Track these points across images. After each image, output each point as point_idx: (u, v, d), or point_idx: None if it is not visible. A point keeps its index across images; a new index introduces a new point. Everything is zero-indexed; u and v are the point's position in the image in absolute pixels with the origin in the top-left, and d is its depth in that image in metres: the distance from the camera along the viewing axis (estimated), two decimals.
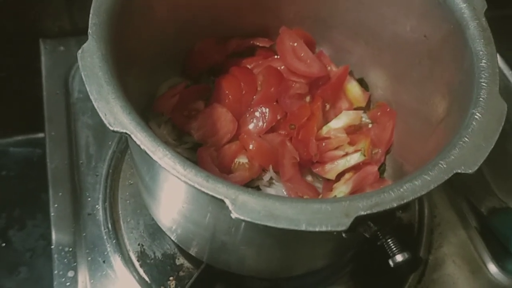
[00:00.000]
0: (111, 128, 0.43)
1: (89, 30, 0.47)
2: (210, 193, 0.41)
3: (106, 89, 0.44)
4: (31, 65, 0.90)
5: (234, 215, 0.40)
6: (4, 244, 0.94)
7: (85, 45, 0.46)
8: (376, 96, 0.75)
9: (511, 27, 1.03)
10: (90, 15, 0.48)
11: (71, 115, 0.82)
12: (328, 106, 0.75)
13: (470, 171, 0.45)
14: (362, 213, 0.41)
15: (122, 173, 0.76)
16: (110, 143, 0.79)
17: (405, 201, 0.42)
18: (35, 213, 0.99)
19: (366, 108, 0.76)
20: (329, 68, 0.76)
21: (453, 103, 0.56)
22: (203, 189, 0.41)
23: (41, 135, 0.97)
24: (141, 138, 0.42)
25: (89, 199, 0.75)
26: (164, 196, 0.56)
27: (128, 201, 0.74)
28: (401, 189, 0.43)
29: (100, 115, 0.43)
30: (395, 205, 0.42)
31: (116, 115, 0.43)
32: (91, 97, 0.44)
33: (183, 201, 0.51)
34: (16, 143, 1.07)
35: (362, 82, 0.76)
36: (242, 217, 0.40)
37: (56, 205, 0.73)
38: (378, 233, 0.46)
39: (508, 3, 1.07)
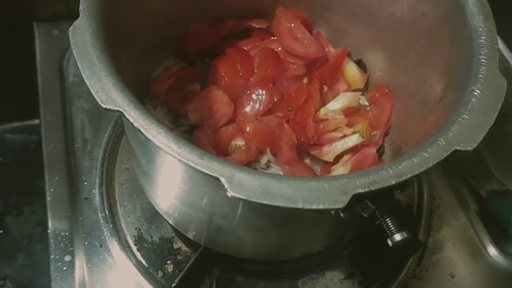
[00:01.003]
0: (104, 106, 0.42)
1: (80, 7, 0.46)
2: (205, 171, 0.40)
3: (98, 66, 0.44)
4: (26, 50, 0.88)
5: (230, 193, 0.39)
6: (1, 231, 0.94)
7: (76, 22, 0.45)
8: (374, 77, 0.74)
9: (510, 8, 1.02)
10: None
11: (66, 99, 0.81)
12: (326, 88, 0.74)
13: (469, 148, 0.44)
14: (360, 190, 0.40)
15: (118, 157, 0.76)
16: (106, 127, 0.78)
17: (403, 178, 0.42)
18: (32, 200, 0.98)
19: (364, 90, 0.75)
20: (326, 49, 0.75)
21: (452, 82, 0.55)
22: (197, 167, 0.40)
23: (37, 121, 0.97)
24: (134, 116, 0.42)
25: (86, 183, 0.74)
26: (160, 178, 0.56)
27: (124, 185, 0.73)
28: (399, 167, 0.42)
29: (92, 92, 0.42)
30: (393, 182, 0.41)
31: (108, 93, 0.42)
32: (83, 74, 0.43)
33: (179, 181, 0.51)
34: (12, 129, 1.06)
35: (360, 64, 0.75)
36: (238, 195, 0.39)
37: (52, 190, 0.73)
38: (376, 212, 0.46)
39: None
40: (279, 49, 0.72)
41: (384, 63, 0.71)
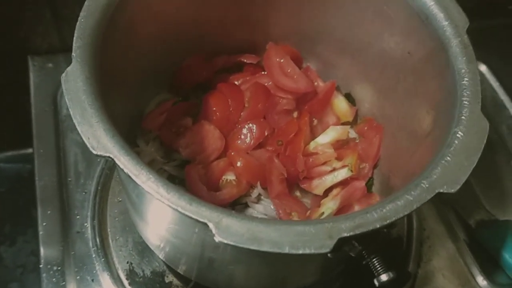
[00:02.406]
0: (94, 152, 0.43)
1: (73, 53, 0.47)
2: (194, 216, 0.41)
3: (90, 112, 0.45)
4: (20, 81, 0.90)
5: (217, 238, 0.40)
6: None
7: (69, 68, 0.47)
8: (363, 110, 0.76)
9: (498, 37, 1.05)
10: (74, 38, 0.49)
11: (59, 132, 0.82)
12: (315, 121, 0.75)
13: (452, 190, 0.45)
14: (345, 234, 0.41)
15: (110, 190, 0.76)
16: (98, 160, 0.78)
17: (388, 221, 0.43)
18: (26, 229, 0.98)
19: (353, 123, 0.76)
20: (316, 83, 0.76)
21: (438, 119, 0.56)
22: (186, 213, 0.41)
23: (31, 150, 0.98)
24: (124, 162, 0.43)
25: (78, 217, 0.75)
26: (150, 216, 0.56)
27: (117, 219, 0.74)
28: (384, 210, 0.43)
29: (83, 138, 0.43)
30: (378, 226, 0.42)
31: (99, 139, 0.43)
32: (74, 120, 0.44)
33: (169, 222, 0.51)
34: (6, 158, 1.06)
35: (349, 97, 0.77)
36: (225, 241, 0.40)
37: (44, 224, 0.73)
38: (363, 252, 0.47)
39: (495, 13, 1.08)
40: (270, 83, 0.74)
41: (372, 97, 0.73)
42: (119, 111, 0.56)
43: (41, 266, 0.71)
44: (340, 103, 0.76)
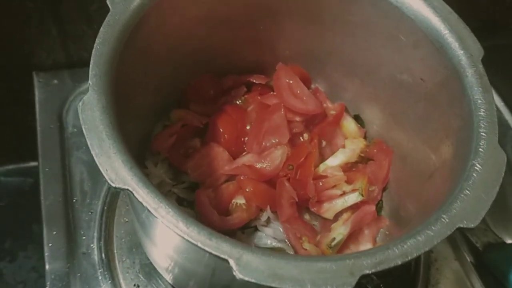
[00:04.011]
0: (113, 185, 0.42)
1: (90, 82, 0.47)
2: (214, 252, 0.40)
3: (107, 143, 0.44)
4: (25, 97, 0.89)
5: (238, 275, 0.39)
6: None
7: (85, 97, 0.46)
8: (372, 133, 0.75)
9: (502, 57, 1.05)
10: (91, 66, 0.48)
11: (65, 150, 0.80)
12: (324, 143, 0.75)
13: (472, 225, 0.45)
14: (367, 271, 0.41)
15: (117, 210, 0.75)
16: (105, 179, 0.77)
17: (409, 258, 0.42)
18: (27, 244, 0.98)
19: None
20: (324, 105, 0.76)
21: (453, 147, 0.56)
22: (206, 248, 0.40)
23: (32, 163, 0.97)
24: (143, 195, 0.42)
25: (84, 237, 0.73)
26: (161, 239, 0.56)
27: (123, 240, 0.73)
28: (405, 246, 0.43)
29: (102, 171, 0.43)
30: (399, 262, 0.42)
31: (117, 171, 0.43)
32: (92, 152, 0.44)
33: (183, 251, 0.51)
34: (7, 172, 1.06)
35: (358, 119, 0.77)
36: (246, 278, 0.39)
37: (50, 244, 0.72)
38: (381, 285, 0.46)
39: (499, 32, 1.08)
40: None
41: (382, 120, 0.72)
42: (130, 134, 0.56)
43: None
44: (349, 125, 0.76)
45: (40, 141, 0.81)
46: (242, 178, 0.66)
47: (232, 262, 0.40)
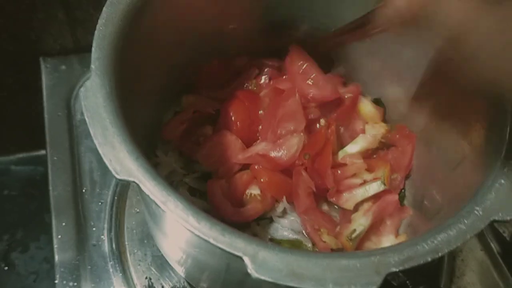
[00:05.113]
0: (118, 177, 0.39)
1: (92, 65, 0.44)
2: (227, 249, 0.37)
3: (111, 132, 0.41)
4: (32, 84, 0.86)
5: (254, 274, 0.36)
6: (6, 268, 0.91)
7: (87, 82, 0.43)
8: (394, 118, 0.71)
9: None
10: (93, 48, 0.45)
11: (74, 139, 0.78)
12: (342, 129, 0.71)
13: (508, 218, 0.41)
14: (394, 269, 0.37)
15: (127, 200, 0.73)
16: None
17: (439, 254, 0.39)
18: (39, 235, 0.96)
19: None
20: (340, 90, 0.72)
21: (484, 132, 0.52)
22: (219, 245, 0.37)
23: (43, 152, 0.94)
24: (150, 188, 0.39)
25: (94, 228, 0.71)
26: (174, 237, 0.53)
27: (134, 231, 0.70)
28: (435, 241, 0.39)
29: (106, 161, 0.40)
30: (429, 259, 0.38)
31: (122, 162, 0.40)
32: (95, 141, 0.41)
33: (195, 245, 0.48)
34: (18, 161, 1.04)
35: (379, 103, 0.72)
36: (262, 277, 0.36)
37: (59, 236, 0.70)
38: (407, 282, 0.43)
39: None
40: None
41: (405, 104, 0.68)
42: (137, 122, 0.52)
43: (56, 282, 0.67)
44: (365, 107, 0.72)
45: (48, 129, 0.79)
46: (256, 167, 0.62)
47: (247, 260, 0.37)
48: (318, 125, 0.69)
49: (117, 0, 0.47)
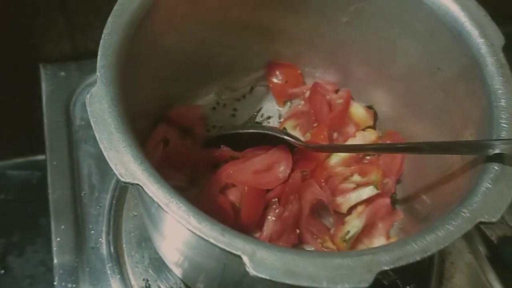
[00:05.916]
0: (123, 180, 0.41)
1: (98, 73, 0.45)
2: (227, 248, 0.39)
3: (116, 137, 0.43)
4: (31, 90, 0.88)
5: (252, 272, 0.38)
6: (3, 271, 0.92)
7: (93, 89, 0.45)
8: (386, 124, 0.74)
9: None
10: (98, 57, 0.47)
11: (72, 144, 0.79)
12: (335, 135, 0.73)
13: (493, 219, 0.43)
14: (385, 268, 0.39)
15: (126, 204, 0.74)
16: (113, 172, 0.76)
17: (428, 253, 0.41)
18: (35, 238, 0.97)
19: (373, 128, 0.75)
20: (328, 97, 0.74)
21: (472, 139, 0.54)
22: (219, 244, 0.39)
23: (40, 157, 0.96)
24: (154, 190, 0.41)
25: (92, 231, 0.72)
26: (173, 238, 0.55)
27: (132, 234, 0.72)
28: (425, 241, 0.41)
29: (111, 165, 0.41)
30: (418, 258, 0.40)
31: (127, 165, 0.42)
32: (101, 145, 0.42)
33: (194, 246, 0.50)
34: (15, 165, 1.05)
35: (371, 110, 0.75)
36: (260, 275, 0.38)
37: (58, 239, 0.71)
38: (397, 281, 0.45)
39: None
40: None
41: (397, 111, 0.71)
42: (140, 127, 0.54)
43: (55, 283, 0.68)
44: (356, 111, 0.74)
45: (47, 134, 0.80)
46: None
47: (245, 259, 0.38)
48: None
49: (121, 11, 0.49)
